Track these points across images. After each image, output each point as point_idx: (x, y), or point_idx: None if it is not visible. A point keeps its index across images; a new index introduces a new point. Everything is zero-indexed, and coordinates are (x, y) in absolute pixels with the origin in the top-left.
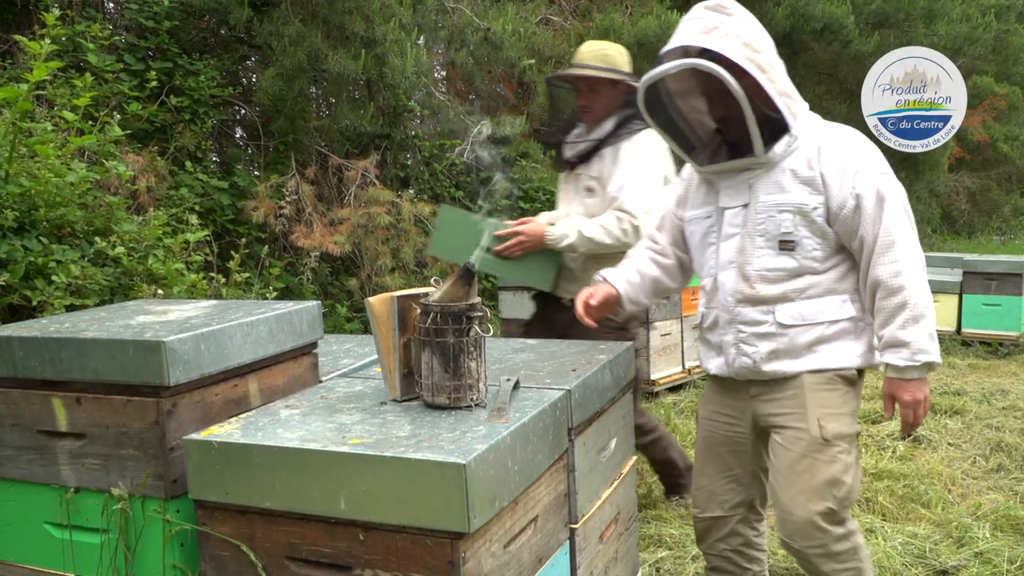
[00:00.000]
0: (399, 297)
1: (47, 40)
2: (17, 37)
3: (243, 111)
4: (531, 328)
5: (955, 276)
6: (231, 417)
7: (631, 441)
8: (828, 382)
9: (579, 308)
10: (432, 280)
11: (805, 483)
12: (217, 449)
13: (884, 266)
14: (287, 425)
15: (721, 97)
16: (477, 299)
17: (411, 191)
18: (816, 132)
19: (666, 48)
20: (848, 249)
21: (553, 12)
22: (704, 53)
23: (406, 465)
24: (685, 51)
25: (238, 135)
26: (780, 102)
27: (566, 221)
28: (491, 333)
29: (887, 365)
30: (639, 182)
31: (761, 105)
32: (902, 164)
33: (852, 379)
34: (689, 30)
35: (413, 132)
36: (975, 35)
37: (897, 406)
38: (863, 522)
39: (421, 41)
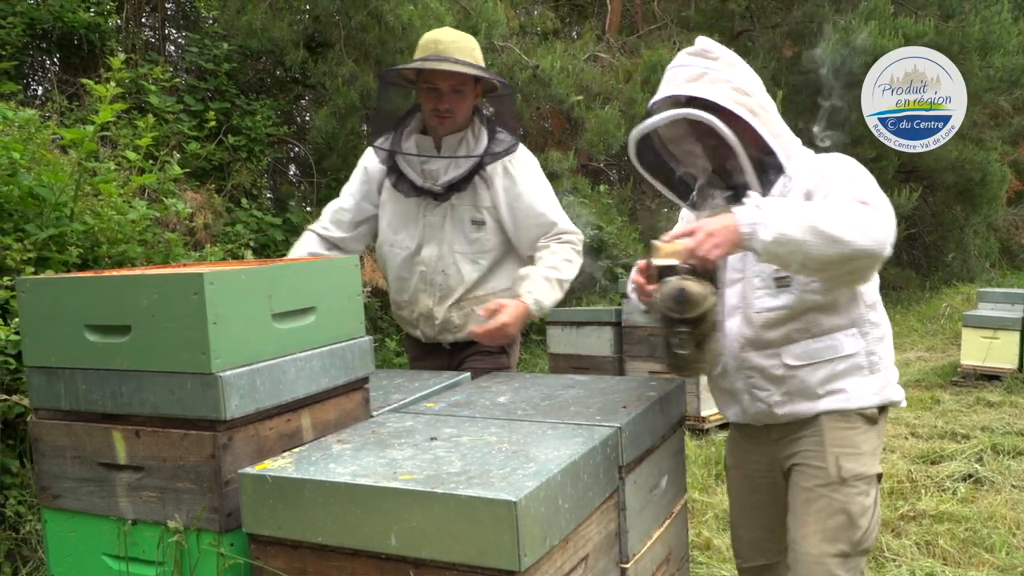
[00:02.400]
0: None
1: (112, 83)
2: (84, 81)
3: (297, 149)
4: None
5: (1016, 312)
6: (284, 451)
7: (683, 479)
8: (846, 420)
9: None
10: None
11: (820, 523)
12: (271, 483)
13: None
14: (339, 460)
15: (715, 144)
16: None
17: None
18: (813, 165)
19: (655, 98)
20: None
21: (601, 49)
22: (692, 101)
23: (456, 502)
24: (675, 101)
25: (292, 172)
26: (774, 144)
27: (528, 282)
28: None
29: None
30: (555, 200)
31: (755, 149)
32: (958, 198)
33: (872, 417)
34: (676, 78)
35: None
36: None
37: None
38: (923, 566)
39: None
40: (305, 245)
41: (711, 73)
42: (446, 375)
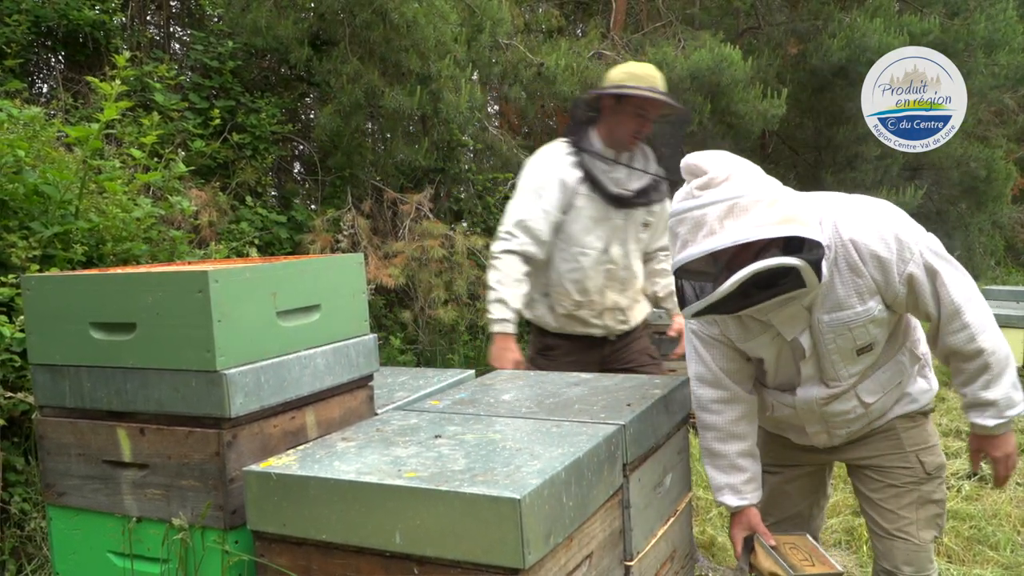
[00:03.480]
0: None
1: (117, 81)
2: (89, 78)
3: (302, 147)
4: (552, 363)
5: (1020, 310)
6: (289, 449)
7: (687, 477)
8: (913, 420)
9: None
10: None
11: (915, 514)
12: (275, 481)
13: (954, 335)
14: (343, 458)
15: (787, 273)
16: None
17: (464, 224)
18: (833, 227)
19: (693, 251)
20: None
21: (606, 47)
22: (752, 248)
23: (460, 499)
24: (742, 250)
25: (296, 170)
26: (817, 236)
27: (669, 297)
28: None
29: (974, 424)
30: None
31: (815, 252)
32: (963, 195)
33: (928, 412)
34: (707, 221)
35: (467, 166)
36: None
37: (985, 459)
38: None
39: (475, 77)
40: (515, 270)
41: (739, 200)
42: (450, 372)
